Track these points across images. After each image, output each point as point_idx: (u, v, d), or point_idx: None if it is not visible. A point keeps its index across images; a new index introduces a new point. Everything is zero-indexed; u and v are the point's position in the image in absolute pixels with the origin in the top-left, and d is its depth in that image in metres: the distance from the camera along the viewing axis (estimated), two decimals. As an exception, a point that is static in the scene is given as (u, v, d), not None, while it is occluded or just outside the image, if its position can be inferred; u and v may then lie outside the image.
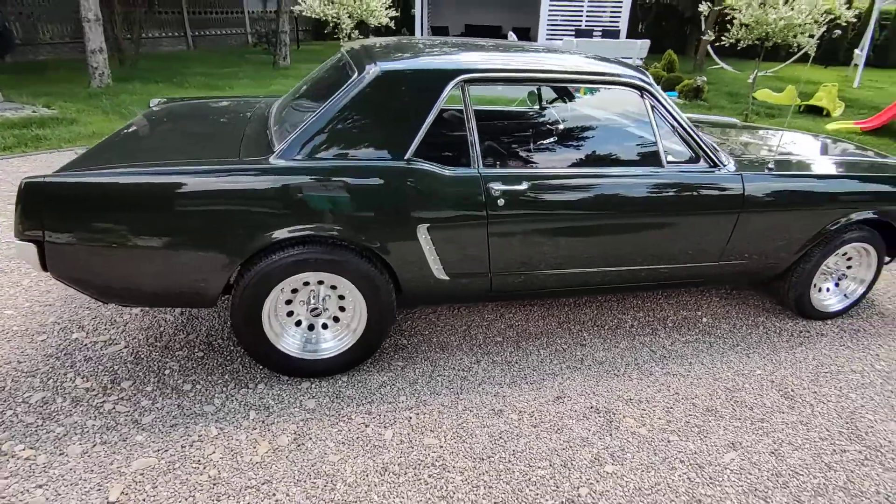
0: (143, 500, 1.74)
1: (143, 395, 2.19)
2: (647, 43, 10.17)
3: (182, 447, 1.95)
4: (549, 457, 1.98)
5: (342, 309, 2.26)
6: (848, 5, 6.53)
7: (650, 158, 2.43)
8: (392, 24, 7.24)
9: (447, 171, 2.13)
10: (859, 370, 2.57)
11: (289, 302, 2.21)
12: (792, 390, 2.41)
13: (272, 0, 15.09)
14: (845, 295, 2.95)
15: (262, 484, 1.82)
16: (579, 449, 2.02)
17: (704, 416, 2.23)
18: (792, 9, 6.04)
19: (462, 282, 2.29)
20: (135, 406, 2.13)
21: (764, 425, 2.19)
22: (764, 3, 6.50)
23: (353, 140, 2.08)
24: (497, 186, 2.15)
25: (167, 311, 2.78)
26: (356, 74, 2.14)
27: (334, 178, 2.03)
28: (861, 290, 2.93)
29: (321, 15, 6.88)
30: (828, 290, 2.93)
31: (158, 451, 1.93)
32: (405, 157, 2.10)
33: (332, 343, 2.27)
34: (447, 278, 2.26)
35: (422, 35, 13.79)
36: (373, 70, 2.11)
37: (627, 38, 12.34)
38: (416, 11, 13.56)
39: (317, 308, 2.21)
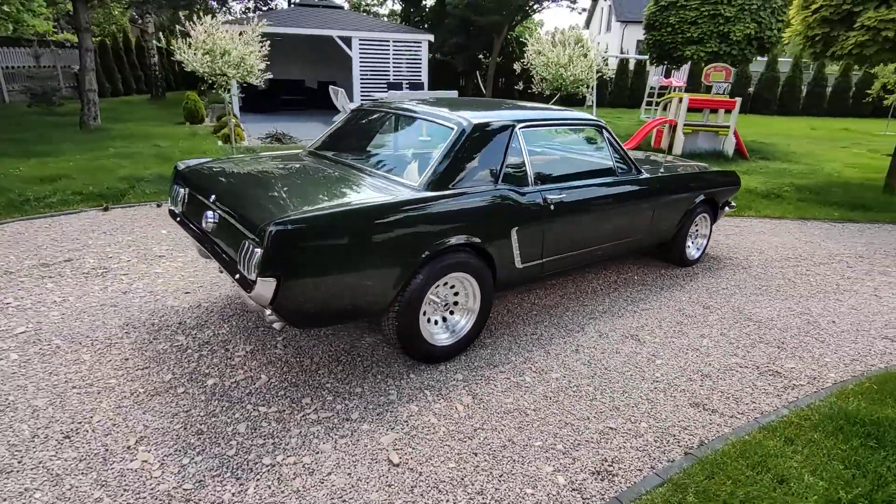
0: (415, 457, 2.25)
1: (330, 403, 2.57)
2: (455, 93, 12.18)
3: (406, 420, 2.46)
4: (629, 362, 3.04)
5: (455, 303, 2.98)
6: (605, 62, 9.24)
7: (612, 170, 3.72)
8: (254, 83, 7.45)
9: (521, 189, 3.06)
10: (723, 286, 4.24)
11: (431, 301, 2.85)
12: (709, 298, 3.91)
13: (46, 55, 13.18)
14: (698, 248, 4.68)
15: (478, 427, 2.47)
16: (636, 356, 3.13)
17: (678, 325, 3.55)
18: (576, 67, 8.37)
19: (529, 267, 3.22)
20: (332, 410, 2.52)
21: (706, 320, 3.60)
22: (548, 63, 8.76)
23: (466, 173, 2.87)
24: (549, 196, 3.17)
25: (276, 347, 3.05)
26: (452, 126, 2.94)
27: (469, 202, 2.80)
28: (705, 242, 4.71)
29: (203, 72, 6.81)
30: (690, 245, 4.62)
31: (391, 428, 2.41)
32: (497, 183, 2.97)
33: (462, 323, 2.97)
34: (521, 266, 3.16)
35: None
36: (466, 123, 2.94)
37: (429, 88, 14.35)
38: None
39: (447, 303, 2.89)
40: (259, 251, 2.24)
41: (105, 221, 5.08)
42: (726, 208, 4.81)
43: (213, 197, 2.76)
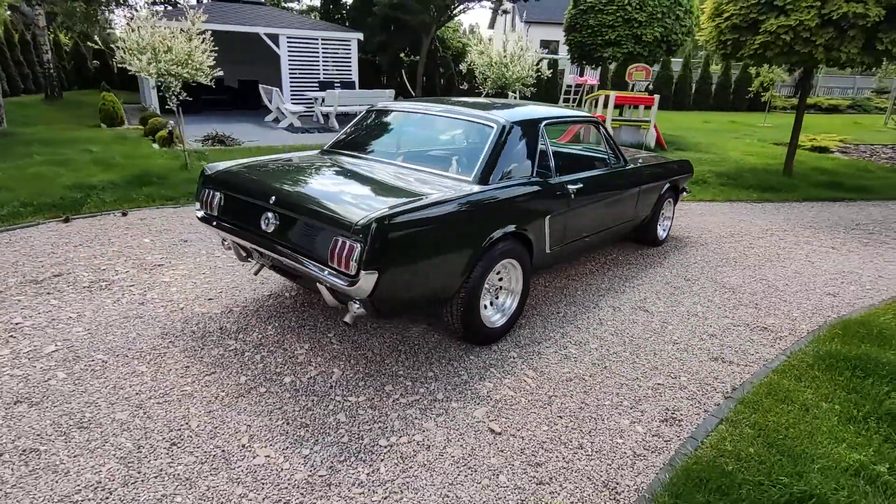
0: (511, 425, 2.49)
1: (412, 388, 2.74)
2: (392, 92, 12.29)
3: (487, 396, 2.68)
4: (648, 329, 3.46)
5: (500, 287, 3.23)
6: (538, 64, 9.81)
7: (607, 161, 4.14)
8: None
9: (549, 181, 3.37)
10: (693, 261, 4.84)
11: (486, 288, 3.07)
12: (686, 272, 4.46)
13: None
14: (664, 229, 5.28)
15: (551, 395, 2.75)
16: (650, 324, 3.56)
17: (672, 296, 4.05)
18: (516, 66, 8.86)
19: (554, 252, 3.54)
20: (417, 394, 2.68)
21: (692, 290, 4.14)
22: (491, 63, 9.18)
23: (510, 168, 3.12)
24: (570, 186, 3.50)
25: (331, 343, 3.11)
26: (492, 125, 3.17)
27: (515, 193, 3.05)
28: (669, 223, 5.31)
29: (147, 74, 6.34)
30: (659, 227, 5.19)
31: (477, 404, 2.62)
32: (532, 176, 3.25)
33: (508, 302, 3.23)
34: (549, 251, 3.48)
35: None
36: (504, 122, 3.19)
37: (360, 87, 14.30)
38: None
39: (495, 287, 3.14)
40: (359, 246, 2.35)
41: (73, 233, 4.72)
42: (683, 193, 5.45)
43: (274, 199, 2.79)
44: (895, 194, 8.04)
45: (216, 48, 6.93)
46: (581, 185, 3.60)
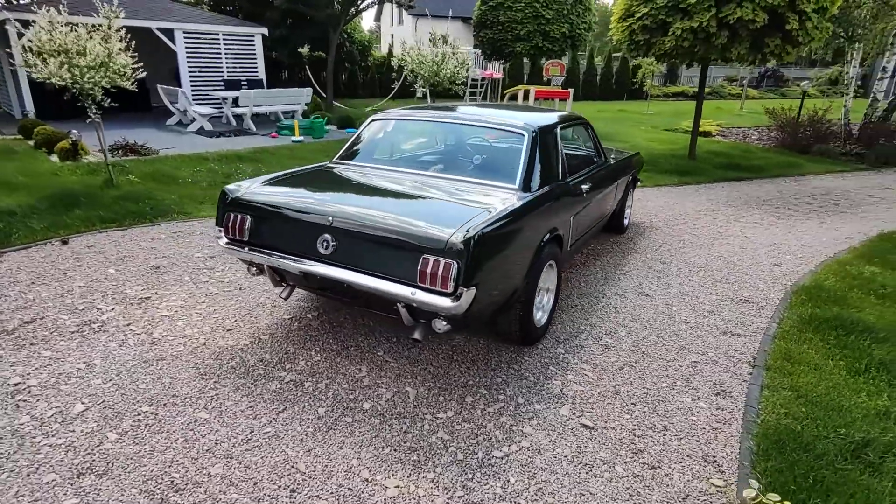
0: (598, 418, 2.65)
1: (491, 397, 2.79)
2: (310, 90, 11.81)
3: (561, 394, 2.82)
4: (658, 313, 3.80)
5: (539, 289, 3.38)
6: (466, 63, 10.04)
7: (596, 158, 4.42)
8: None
9: (568, 182, 3.54)
10: (658, 244, 5.33)
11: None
12: (658, 255, 4.91)
13: None
14: (627, 217, 5.73)
15: (615, 385, 2.95)
16: (657, 307, 3.91)
17: (659, 279, 4.45)
18: (449, 64, 9.00)
19: (571, 249, 3.74)
20: (499, 402, 2.75)
21: (671, 271, 4.58)
22: (423, 62, 9.24)
23: (545, 173, 3.24)
24: (582, 186, 3.72)
25: (389, 363, 3.05)
26: (522, 133, 3.27)
27: (554, 197, 3.19)
28: (630, 211, 5.78)
29: (61, 81, 5.44)
30: (623, 215, 5.63)
31: (557, 402, 2.75)
32: (558, 179, 3.41)
33: (545, 300, 3.37)
34: (569, 248, 3.68)
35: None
36: (533, 129, 3.29)
37: (268, 86, 13.56)
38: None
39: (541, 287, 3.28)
40: (457, 263, 2.35)
41: (15, 270, 4.07)
42: (637, 182, 5.95)
43: (331, 219, 2.67)
44: (780, 172, 9.37)
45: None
46: (590, 184, 3.83)
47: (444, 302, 2.38)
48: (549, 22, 12.30)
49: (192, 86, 12.34)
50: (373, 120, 3.84)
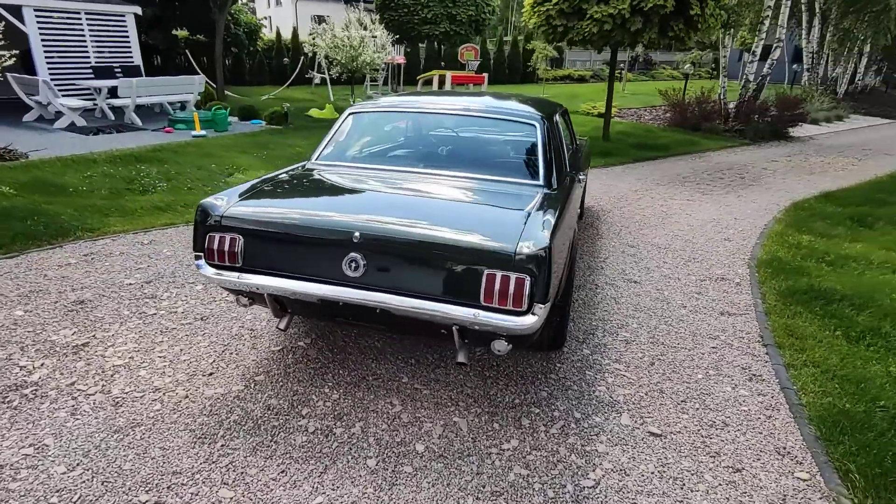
0: (659, 422, 2.53)
1: (545, 415, 2.56)
2: (203, 78, 10.53)
3: (613, 401, 2.66)
4: (654, 300, 3.79)
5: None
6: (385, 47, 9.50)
7: (572, 146, 4.31)
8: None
9: (572, 173, 3.37)
10: (619, 227, 5.41)
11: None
12: (623, 238, 4.96)
13: None
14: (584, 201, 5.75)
15: (653, 383, 2.86)
16: (650, 293, 3.91)
17: (637, 265, 4.48)
18: (367, 48, 8.45)
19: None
20: (556, 419, 2.53)
21: (646, 256, 4.65)
22: (338, 46, 8.60)
23: (560, 164, 3.02)
24: (579, 177, 3.57)
25: (419, 391, 2.69)
26: (533, 123, 3.02)
27: (572, 189, 3.01)
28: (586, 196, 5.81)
29: None
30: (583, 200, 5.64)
31: (613, 411, 2.58)
32: (568, 170, 3.21)
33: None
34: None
35: None
36: (539, 120, 3.05)
37: (146, 74, 11.93)
38: None
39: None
40: (530, 277, 2.06)
41: None
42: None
43: (358, 234, 2.23)
44: (684, 150, 10.07)
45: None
46: (584, 174, 3.70)
47: (515, 322, 2.09)
48: (455, 5, 12.10)
49: (51, 74, 10.46)
50: (353, 112, 3.37)
